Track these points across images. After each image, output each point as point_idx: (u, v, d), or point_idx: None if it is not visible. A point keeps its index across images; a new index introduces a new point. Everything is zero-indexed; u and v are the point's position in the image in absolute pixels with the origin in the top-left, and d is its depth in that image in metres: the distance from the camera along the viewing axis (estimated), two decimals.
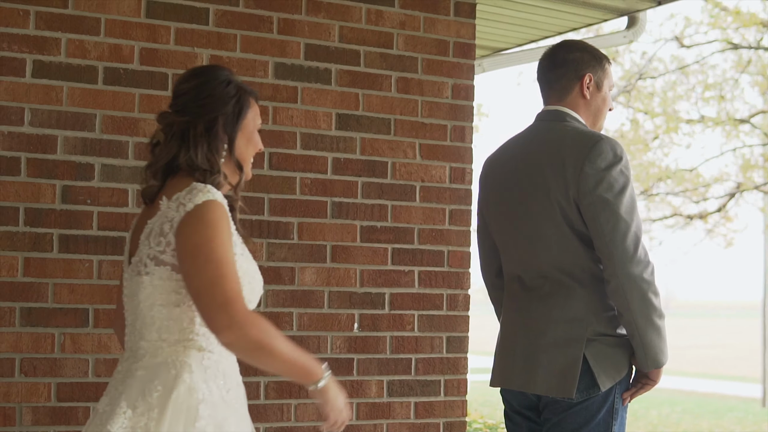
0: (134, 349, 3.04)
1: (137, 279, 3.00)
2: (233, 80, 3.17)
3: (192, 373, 2.93)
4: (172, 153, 3.06)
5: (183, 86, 3.12)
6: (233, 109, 3.11)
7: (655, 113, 17.84)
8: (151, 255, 2.96)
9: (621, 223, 3.61)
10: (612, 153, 3.66)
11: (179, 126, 3.06)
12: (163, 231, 2.94)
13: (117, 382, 3.01)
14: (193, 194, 2.93)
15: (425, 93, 5.07)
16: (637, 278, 3.62)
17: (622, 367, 3.75)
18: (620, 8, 6.04)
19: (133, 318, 3.05)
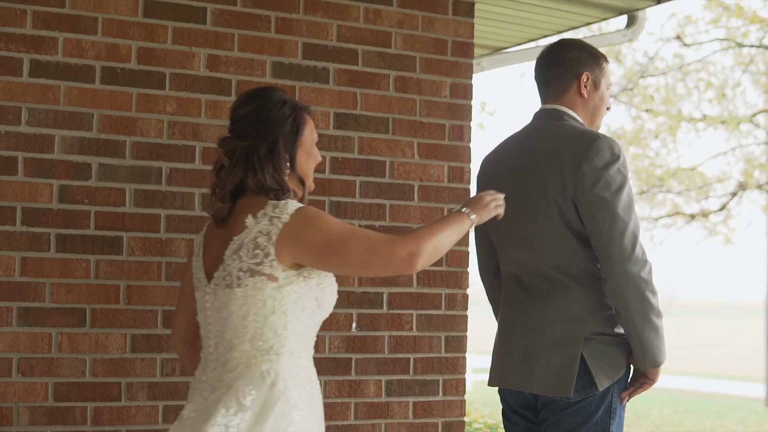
0: (223, 360, 3.21)
1: (227, 292, 3.19)
2: (287, 100, 3.36)
3: (286, 380, 3.14)
4: (239, 177, 3.27)
5: (240, 111, 3.32)
6: (291, 127, 3.31)
7: (657, 112, 17.83)
8: (245, 268, 3.15)
9: (618, 222, 3.61)
10: (609, 152, 3.66)
11: (242, 150, 3.27)
12: (258, 245, 3.15)
13: (204, 391, 3.20)
14: (281, 208, 3.17)
15: (423, 92, 5.06)
16: (634, 277, 3.62)
17: (619, 366, 3.75)
18: (619, 7, 6.03)
19: (220, 330, 3.24)
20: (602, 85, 3.91)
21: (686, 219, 19.07)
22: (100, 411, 4.36)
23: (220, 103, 4.62)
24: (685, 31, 17.14)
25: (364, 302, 4.88)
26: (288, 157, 3.31)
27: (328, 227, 3.15)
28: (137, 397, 4.42)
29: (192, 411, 3.18)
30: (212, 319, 3.26)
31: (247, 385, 3.11)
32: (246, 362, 3.17)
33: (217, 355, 3.25)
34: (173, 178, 4.52)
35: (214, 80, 4.62)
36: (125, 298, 4.42)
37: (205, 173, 4.56)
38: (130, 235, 4.44)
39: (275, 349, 3.17)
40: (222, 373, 3.19)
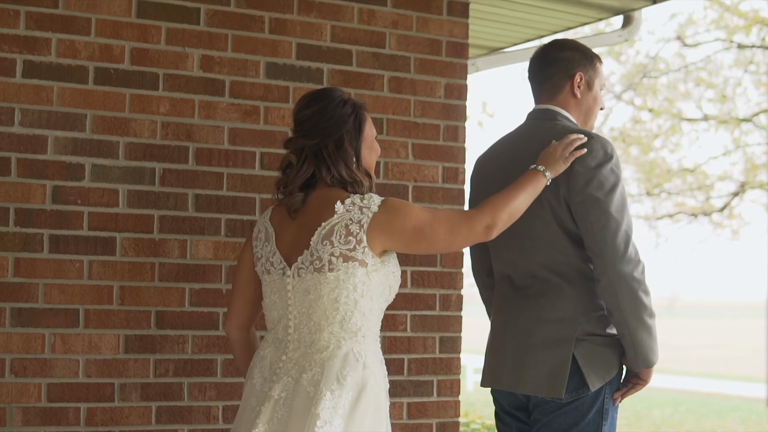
0: (309, 341, 3.40)
1: (316, 276, 3.38)
2: (347, 99, 3.57)
3: (373, 363, 3.40)
4: (310, 172, 3.49)
5: (304, 113, 3.53)
6: (354, 124, 3.53)
7: (658, 112, 17.83)
8: (337, 253, 3.36)
9: (611, 222, 3.61)
10: (602, 151, 3.66)
11: (311, 148, 3.48)
12: (351, 231, 3.37)
13: (290, 371, 3.39)
14: (368, 199, 3.40)
15: (418, 93, 5.05)
16: (627, 276, 3.62)
17: (612, 366, 3.74)
18: (615, 7, 6.02)
19: (304, 312, 3.42)
20: (596, 85, 3.91)
21: (689, 218, 19.06)
22: (93, 411, 4.36)
23: (214, 104, 4.62)
24: (686, 31, 17.14)
25: None
26: (353, 152, 3.52)
27: (415, 215, 3.40)
28: (130, 398, 4.42)
29: (282, 391, 3.36)
30: (293, 301, 3.44)
31: (344, 367, 3.32)
32: (336, 343, 3.37)
33: (299, 335, 3.43)
34: (166, 178, 4.52)
35: (207, 81, 4.62)
36: (118, 299, 4.42)
37: (199, 174, 4.56)
38: (123, 235, 4.44)
39: (362, 331, 3.41)
40: (310, 353, 3.38)
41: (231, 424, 4.57)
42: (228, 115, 4.65)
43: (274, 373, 3.43)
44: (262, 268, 3.56)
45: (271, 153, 4.71)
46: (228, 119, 4.64)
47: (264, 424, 3.33)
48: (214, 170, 4.60)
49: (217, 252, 4.59)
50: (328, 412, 3.24)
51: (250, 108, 4.68)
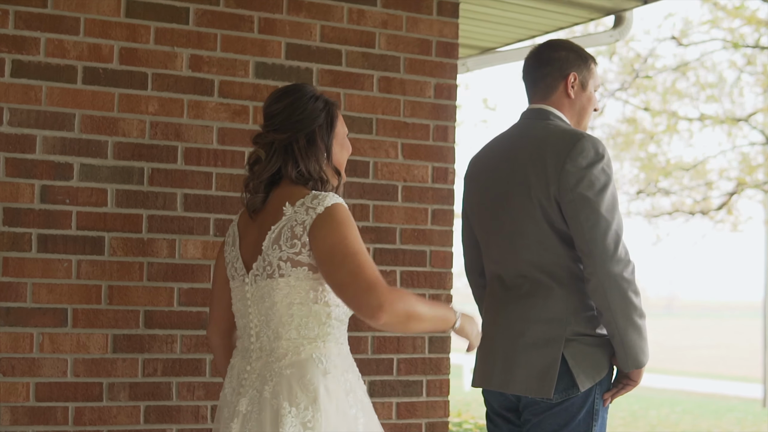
0: (269, 350, 3.30)
1: (269, 282, 3.28)
2: (319, 95, 3.48)
3: (336, 366, 3.28)
4: (276, 167, 3.38)
5: (275, 107, 3.43)
6: (326, 120, 3.45)
7: (655, 111, 17.83)
8: (284, 257, 3.25)
9: (601, 221, 3.61)
10: (594, 151, 3.66)
11: (281, 142, 3.38)
12: (295, 234, 3.24)
13: (254, 382, 3.29)
14: (319, 199, 3.25)
15: (407, 92, 5.06)
16: (617, 277, 3.62)
17: (602, 367, 3.74)
18: (606, 7, 6.03)
19: (262, 320, 3.32)
20: (590, 86, 3.91)
21: (687, 216, 19.07)
22: (81, 411, 4.36)
23: (203, 104, 4.62)
24: (683, 31, 17.14)
25: None
26: (325, 148, 3.43)
27: (342, 235, 3.20)
28: (119, 398, 4.42)
29: (249, 405, 3.27)
30: (253, 309, 3.35)
31: (304, 376, 3.21)
32: (294, 350, 3.27)
33: (260, 344, 3.34)
34: (155, 178, 4.52)
35: (196, 80, 4.62)
36: (107, 299, 4.42)
37: (187, 173, 4.56)
38: (111, 235, 4.44)
39: (322, 336, 3.30)
40: (270, 362, 3.28)
41: None
42: (217, 115, 4.65)
43: (241, 385, 3.35)
44: (229, 274, 3.49)
45: None
46: (217, 119, 4.64)
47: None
48: (203, 170, 4.60)
49: (206, 252, 4.59)
50: (296, 429, 3.15)
51: (239, 108, 4.68)
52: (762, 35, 16.43)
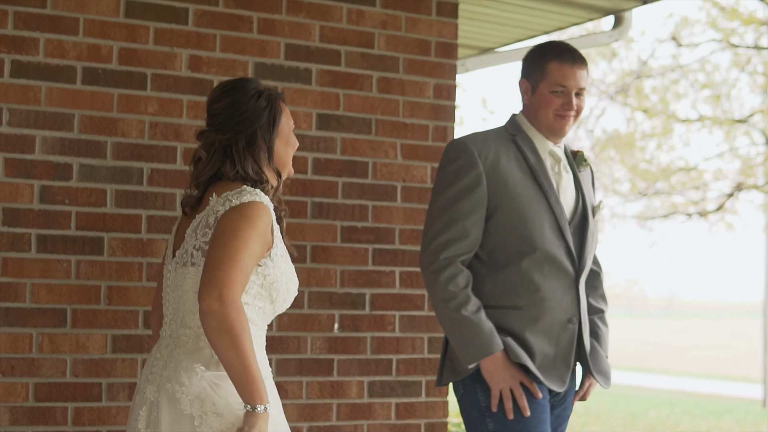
0: (176, 336, 3.24)
1: (182, 270, 3.23)
2: (262, 90, 3.37)
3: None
4: (215, 167, 3.30)
5: (217, 106, 3.34)
6: (268, 119, 3.33)
7: (653, 112, 17.84)
8: (197, 246, 3.20)
9: (429, 216, 3.87)
10: (450, 153, 3.87)
11: (221, 143, 3.30)
12: (208, 223, 3.19)
13: (159, 369, 3.21)
14: (242, 194, 3.19)
15: (407, 93, 5.06)
16: (424, 269, 3.86)
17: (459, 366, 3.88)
18: (606, 7, 6.03)
19: (175, 307, 3.28)
20: (540, 87, 3.91)
21: (684, 217, 19.08)
22: (80, 411, 4.36)
23: (202, 104, 4.61)
24: (682, 32, 17.15)
25: (346, 303, 4.88)
26: (266, 148, 3.33)
27: (237, 226, 3.12)
28: (118, 398, 4.42)
29: (155, 392, 3.18)
30: (170, 297, 3.31)
31: (192, 363, 3.13)
32: (195, 339, 3.20)
33: (170, 331, 3.29)
34: (154, 178, 4.52)
35: (195, 81, 4.62)
36: (106, 299, 4.42)
37: (187, 174, 4.56)
38: (111, 235, 4.44)
39: None
40: (173, 349, 3.23)
41: None
42: None
43: (150, 372, 3.26)
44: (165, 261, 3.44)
45: None
46: None
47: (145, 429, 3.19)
48: None
49: None
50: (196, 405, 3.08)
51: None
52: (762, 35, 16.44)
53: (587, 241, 3.92)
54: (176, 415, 3.11)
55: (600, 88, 18.39)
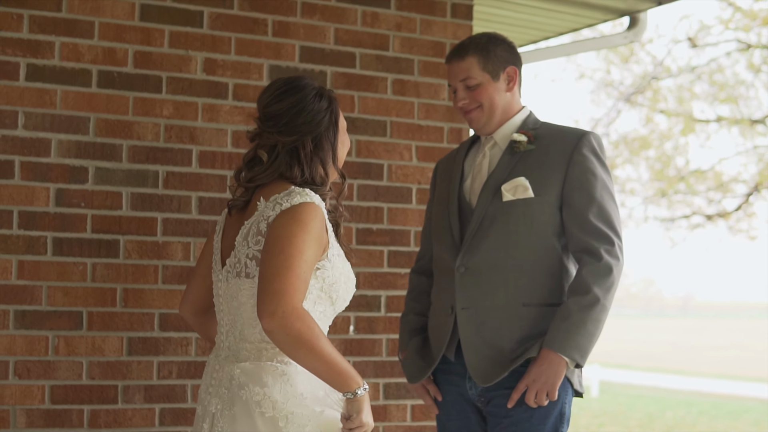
0: (235, 350, 3.19)
1: (237, 281, 3.15)
2: (319, 89, 3.31)
3: (298, 372, 3.10)
4: (279, 171, 3.22)
5: (278, 106, 3.24)
6: (330, 119, 3.29)
7: (671, 113, 17.80)
8: (250, 255, 3.11)
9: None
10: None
11: (286, 146, 3.22)
12: (260, 230, 3.10)
13: (222, 381, 3.16)
14: (291, 196, 3.09)
15: (421, 95, 5.06)
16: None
17: None
18: (621, 9, 6.02)
19: (231, 319, 3.21)
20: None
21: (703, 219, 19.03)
22: (96, 414, 4.37)
23: (217, 107, 4.63)
24: (698, 33, 17.10)
25: (361, 305, 4.88)
26: (331, 149, 3.30)
27: (291, 233, 3.04)
28: (134, 400, 4.43)
29: (218, 404, 3.17)
30: (224, 307, 3.24)
31: (261, 378, 3.09)
32: (257, 354, 3.15)
33: (228, 343, 3.24)
34: (170, 181, 4.53)
35: (210, 84, 4.63)
36: (122, 301, 4.43)
37: (202, 176, 4.57)
38: (126, 238, 4.45)
39: None
40: (233, 363, 3.16)
41: None
42: (231, 118, 4.66)
43: (211, 384, 3.24)
44: (213, 264, 3.38)
45: None
46: (231, 122, 4.65)
47: None
48: (218, 173, 4.61)
49: None
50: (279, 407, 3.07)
51: (253, 111, 4.68)
52: None
53: (470, 225, 3.77)
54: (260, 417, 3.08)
55: (619, 89, 18.37)
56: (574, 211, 3.68)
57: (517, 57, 3.91)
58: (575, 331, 3.57)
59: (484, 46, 3.83)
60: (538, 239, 3.70)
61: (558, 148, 3.75)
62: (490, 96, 3.82)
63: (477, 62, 3.81)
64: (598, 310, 3.59)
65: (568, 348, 3.57)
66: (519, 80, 3.90)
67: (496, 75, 3.83)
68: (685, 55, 25.57)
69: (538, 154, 3.76)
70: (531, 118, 3.92)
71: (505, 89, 3.86)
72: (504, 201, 3.71)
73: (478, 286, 3.72)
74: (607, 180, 3.73)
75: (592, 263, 3.62)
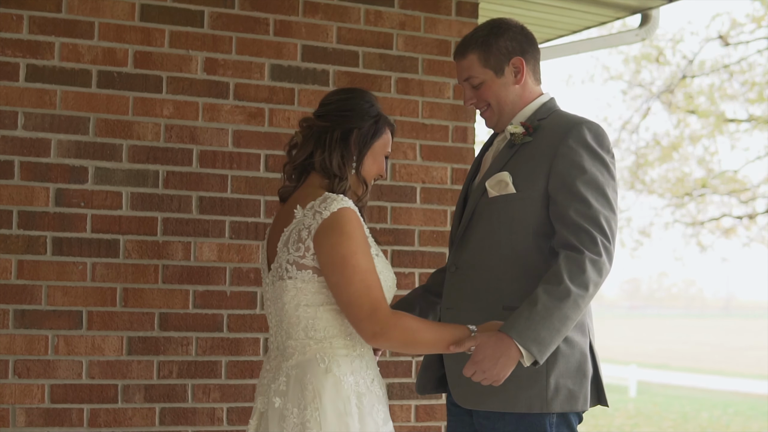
0: (282, 348, 3.34)
1: (280, 283, 3.30)
2: (376, 105, 3.49)
3: (340, 366, 3.26)
4: (307, 152, 3.41)
5: (330, 98, 3.50)
6: (369, 128, 3.43)
7: (702, 113, 17.67)
8: (291, 260, 3.26)
9: None
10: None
11: (317, 129, 3.41)
12: (301, 237, 3.24)
13: (269, 381, 3.35)
14: (327, 203, 3.23)
15: (426, 93, 5.03)
16: None
17: None
18: (632, 6, 5.97)
19: (278, 319, 3.36)
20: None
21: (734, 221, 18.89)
22: (96, 413, 4.38)
23: (218, 107, 4.62)
24: (730, 32, 16.95)
25: None
26: (357, 153, 3.41)
27: (350, 251, 3.20)
28: (134, 400, 4.44)
29: (264, 403, 3.34)
30: (272, 309, 3.38)
31: (305, 375, 3.23)
32: (301, 350, 3.29)
33: (276, 344, 3.38)
34: (170, 181, 4.53)
35: (211, 83, 4.63)
36: (122, 301, 4.44)
37: (203, 176, 4.58)
38: (126, 238, 4.46)
39: (328, 338, 3.28)
40: (281, 361, 3.32)
41: (235, 425, 4.59)
42: (232, 118, 4.65)
43: (261, 383, 3.40)
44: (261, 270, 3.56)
45: (276, 155, 4.70)
46: (232, 122, 4.65)
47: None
48: (219, 172, 4.61)
49: (221, 254, 4.60)
50: (296, 429, 3.19)
51: (254, 110, 4.69)
52: None
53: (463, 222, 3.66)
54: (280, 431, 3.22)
55: (651, 90, 18.25)
56: (557, 208, 3.43)
57: (525, 44, 3.66)
58: (539, 322, 3.25)
59: (484, 41, 3.64)
60: (519, 239, 3.49)
61: (548, 140, 3.52)
62: (496, 93, 3.63)
63: (478, 59, 3.62)
64: (568, 304, 3.27)
65: (527, 339, 3.24)
66: (531, 67, 3.67)
67: (500, 70, 3.62)
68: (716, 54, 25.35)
69: (531, 147, 3.55)
70: (545, 107, 3.66)
71: (513, 82, 3.63)
72: (490, 198, 3.55)
73: (462, 286, 3.59)
74: (597, 174, 3.44)
75: (569, 256, 3.34)
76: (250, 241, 4.64)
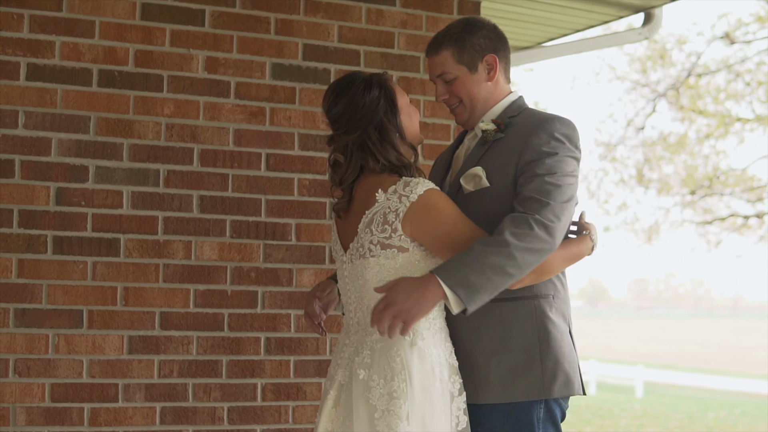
0: (363, 323, 3.40)
1: (362, 261, 3.37)
2: (369, 79, 3.46)
3: (424, 339, 3.31)
4: (359, 166, 3.42)
5: (335, 111, 3.47)
6: (386, 103, 3.43)
7: (708, 113, 17.65)
8: (375, 241, 3.32)
9: None
10: None
11: (354, 142, 3.42)
12: (387, 220, 3.31)
13: (350, 354, 3.40)
14: (411, 186, 3.30)
15: (427, 92, 5.02)
16: None
17: None
18: (635, 5, 5.96)
19: (358, 296, 3.42)
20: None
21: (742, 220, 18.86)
22: (96, 412, 4.38)
23: (219, 105, 4.62)
24: (735, 31, 16.93)
25: None
26: (396, 129, 3.44)
27: (453, 220, 3.30)
28: (134, 398, 4.44)
29: (344, 376, 3.39)
30: (350, 286, 3.44)
31: (392, 348, 3.27)
32: None
33: (357, 319, 3.43)
34: (171, 180, 4.53)
35: (212, 82, 4.63)
36: (122, 300, 4.44)
37: (203, 175, 4.57)
38: (127, 237, 4.46)
39: None
40: (364, 336, 3.37)
41: (236, 425, 4.58)
42: (233, 117, 4.65)
43: (340, 357, 3.46)
44: (333, 255, 3.61)
45: (276, 154, 4.70)
46: (233, 120, 4.65)
47: (331, 408, 3.40)
48: (219, 171, 4.61)
49: (222, 253, 4.60)
50: (383, 400, 3.23)
51: (255, 109, 4.68)
52: None
53: None
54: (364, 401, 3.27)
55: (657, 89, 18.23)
56: (518, 189, 3.43)
57: (497, 42, 3.69)
58: (470, 265, 3.18)
59: (459, 37, 3.64)
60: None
61: (520, 135, 3.51)
62: (469, 90, 3.65)
63: (451, 55, 3.63)
64: (504, 254, 3.19)
65: (453, 280, 3.17)
66: (503, 66, 3.70)
67: (474, 66, 3.63)
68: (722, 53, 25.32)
69: (503, 143, 3.55)
70: (515, 105, 3.70)
71: (486, 79, 3.65)
72: (465, 193, 3.54)
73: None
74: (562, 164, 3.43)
75: (513, 215, 3.31)
76: (251, 240, 4.64)
